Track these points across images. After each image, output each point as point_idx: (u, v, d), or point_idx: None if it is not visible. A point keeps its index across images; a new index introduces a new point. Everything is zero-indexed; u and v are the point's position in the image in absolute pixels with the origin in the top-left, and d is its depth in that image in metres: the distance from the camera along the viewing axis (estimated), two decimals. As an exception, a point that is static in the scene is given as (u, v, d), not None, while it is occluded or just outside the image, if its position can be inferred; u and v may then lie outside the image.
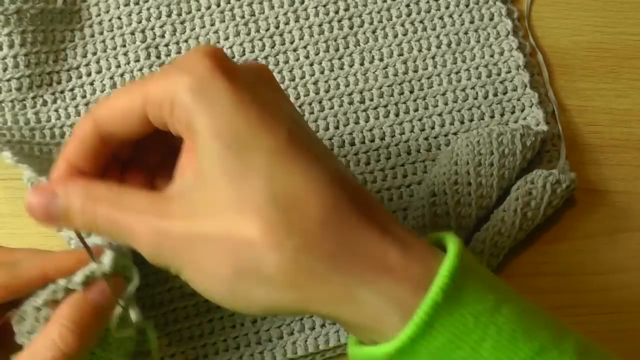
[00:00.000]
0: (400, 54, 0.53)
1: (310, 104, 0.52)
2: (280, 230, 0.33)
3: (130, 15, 0.53)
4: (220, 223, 0.33)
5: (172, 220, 0.34)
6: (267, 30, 0.53)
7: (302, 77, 0.53)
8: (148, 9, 0.53)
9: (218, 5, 0.54)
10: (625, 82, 0.55)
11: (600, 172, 0.52)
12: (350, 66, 0.53)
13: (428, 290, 0.33)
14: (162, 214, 0.34)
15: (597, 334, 0.48)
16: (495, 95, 0.53)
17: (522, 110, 0.52)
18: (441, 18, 0.54)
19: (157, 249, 0.35)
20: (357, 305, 0.34)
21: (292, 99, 0.52)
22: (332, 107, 0.52)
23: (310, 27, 0.54)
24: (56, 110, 0.51)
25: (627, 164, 0.53)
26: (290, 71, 0.53)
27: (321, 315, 0.41)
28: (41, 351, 0.37)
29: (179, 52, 0.53)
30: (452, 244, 0.35)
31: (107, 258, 0.39)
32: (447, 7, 0.54)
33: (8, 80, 0.50)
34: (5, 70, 0.50)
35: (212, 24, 0.53)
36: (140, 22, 0.53)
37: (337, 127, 0.52)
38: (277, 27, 0.54)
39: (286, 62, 0.53)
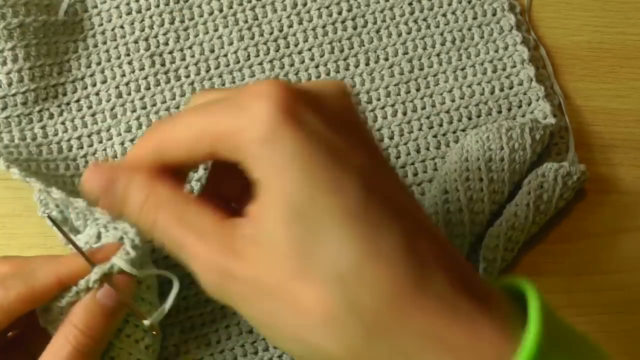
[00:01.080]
0: (405, 53, 0.53)
1: (317, 106, 0.52)
2: (345, 309, 0.30)
3: (132, 24, 0.53)
4: (285, 286, 0.31)
5: (240, 263, 0.32)
6: (271, 34, 0.53)
7: (308, 80, 0.52)
8: (150, 16, 0.53)
9: (221, 11, 0.54)
10: (625, 82, 0.55)
11: (601, 172, 0.52)
12: (356, 67, 0.53)
13: None
14: (229, 250, 0.32)
15: (597, 334, 0.48)
16: (502, 90, 0.53)
17: (529, 104, 0.53)
18: (444, 15, 0.54)
19: (220, 288, 0.33)
20: None
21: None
22: (339, 109, 0.52)
23: (314, 29, 0.54)
24: (63, 123, 0.51)
25: (627, 164, 0.53)
26: (296, 74, 0.53)
27: None
28: (57, 351, 0.40)
29: (183, 59, 0.53)
30: (534, 308, 0.32)
31: (122, 254, 0.41)
32: (450, 4, 0.54)
33: (14, 95, 0.50)
34: (10, 85, 0.50)
35: (216, 30, 0.53)
36: (143, 30, 0.53)
37: (345, 128, 0.52)
38: (280, 31, 0.53)
39: (292, 65, 0.53)
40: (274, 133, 0.31)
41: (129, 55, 0.52)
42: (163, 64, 0.52)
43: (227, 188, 0.38)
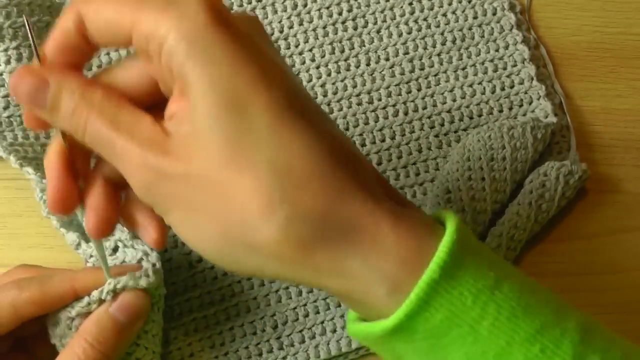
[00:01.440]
0: (406, 53, 0.53)
1: (318, 106, 0.52)
2: (274, 197, 0.31)
3: (133, 26, 0.53)
4: (215, 177, 0.32)
5: (170, 160, 0.32)
6: (272, 35, 0.53)
7: (310, 81, 0.52)
8: (151, 19, 0.53)
9: (221, 12, 0.53)
10: (625, 82, 0.55)
11: (600, 172, 0.52)
12: (357, 67, 0.53)
13: (422, 266, 0.32)
14: (161, 149, 0.32)
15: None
16: (503, 89, 0.53)
17: (530, 103, 0.53)
18: (445, 15, 0.54)
19: (150, 187, 0.33)
20: (343, 278, 0.33)
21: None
22: (340, 109, 0.52)
23: (314, 30, 0.54)
24: (64, 125, 0.51)
25: (627, 164, 0.53)
26: (297, 74, 0.52)
27: (310, 285, 0.40)
28: None
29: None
30: (451, 220, 0.33)
31: (141, 274, 0.40)
32: (450, 4, 0.54)
33: (17, 94, 0.50)
34: (14, 84, 0.50)
35: (216, 31, 0.53)
36: (143, 32, 0.53)
37: (347, 129, 0.52)
38: (281, 32, 0.53)
39: (292, 65, 0.53)
40: (204, 34, 0.31)
41: (129, 57, 0.52)
42: (164, 66, 0.52)
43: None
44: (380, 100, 0.52)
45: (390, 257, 0.32)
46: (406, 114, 0.52)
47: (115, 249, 0.44)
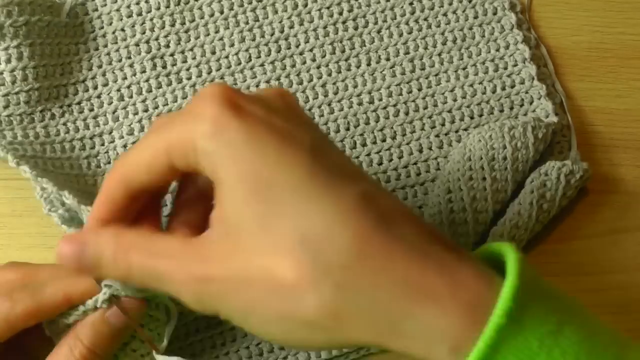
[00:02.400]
0: (407, 53, 0.54)
1: (319, 106, 0.52)
2: (316, 270, 0.31)
3: (133, 26, 0.53)
4: (258, 266, 0.32)
5: (212, 265, 0.33)
6: (272, 35, 0.53)
7: (310, 81, 0.52)
8: (151, 19, 0.53)
9: (221, 13, 0.53)
10: (625, 82, 0.55)
11: (601, 172, 0.52)
12: (357, 67, 0.53)
13: (483, 318, 0.31)
14: (200, 258, 0.34)
15: (596, 335, 0.48)
16: (503, 89, 0.53)
17: (531, 103, 0.53)
18: (445, 15, 0.54)
19: (201, 295, 0.34)
20: (402, 339, 0.32)
21: (301, 103, 0.52)
22: (341, 109, 0.52)
23: (315, 29, 0.54)
24: (64, 124, 0.51)
25: (627, 164, 0.53)
26: (298, 75, 0.53)
27: (372, 347, 0.41)
28: None
29: (184, 61, 0.53)
30: (512, 258, 0.32)
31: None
32: (451, 4, 0.54)
33: (17, 93, 0.50)
34: (14, 83, 0.50)
35: (217, 32, 0.53)
36: (144, 32, 0.53)
37: (347, 129, 0.52)
38: (281, 32, 0.53)
39: (293, 66, 0.53)
40: (221, 125, 0.33)
41: (130, 57, 0.52)
42: (164, 66, 0.52)
43: (194, 218, 0.38)
44: (380, 100, 0.52)
45: (449, 314, 0.31)
46: (407, 113, 0.52)
47: None
